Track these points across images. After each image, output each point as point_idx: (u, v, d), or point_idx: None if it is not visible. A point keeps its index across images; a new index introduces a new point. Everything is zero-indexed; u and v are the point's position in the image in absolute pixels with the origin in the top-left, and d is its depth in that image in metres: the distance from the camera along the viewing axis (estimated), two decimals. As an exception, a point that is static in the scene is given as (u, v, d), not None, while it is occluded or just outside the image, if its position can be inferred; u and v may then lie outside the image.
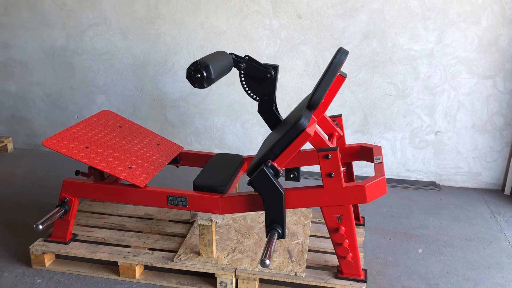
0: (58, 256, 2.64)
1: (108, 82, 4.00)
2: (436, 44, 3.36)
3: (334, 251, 2.55)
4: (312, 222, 2.87)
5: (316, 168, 3.84)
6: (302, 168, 3.89)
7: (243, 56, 2.76)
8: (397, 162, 3.69)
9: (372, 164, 3.79)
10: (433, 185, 3.65)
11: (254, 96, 2.81)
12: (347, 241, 2.23)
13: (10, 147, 4.31)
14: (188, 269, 2.40)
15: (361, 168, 3.76)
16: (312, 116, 2.24)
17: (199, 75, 2.29)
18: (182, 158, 2.96)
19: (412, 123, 3.58)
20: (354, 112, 3.63)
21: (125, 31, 3.82)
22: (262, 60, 3.62)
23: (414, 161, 3.67)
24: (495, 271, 2.59)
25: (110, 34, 3.86)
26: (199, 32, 3.70)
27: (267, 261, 1.99)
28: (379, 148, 2.62)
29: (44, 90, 4.17)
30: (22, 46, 4.06)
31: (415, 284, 2.48)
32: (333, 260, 2.48)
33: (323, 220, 2.90)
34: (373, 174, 3.73)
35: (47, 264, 2.57)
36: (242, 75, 2.77)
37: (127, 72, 3.94)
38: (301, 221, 2.81)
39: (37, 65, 4.09)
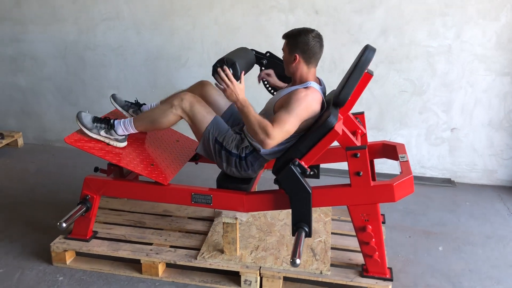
0: (78, 254, 2.62)
1: (120, 77, 3.97)
2: (454, 41, 3.34)
3: (357, 249, 2.54)
4: (332, 219, 2.86)
5: (333, 165, 3.81)
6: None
7: (264, 52, 2.73)
8: (412, 159, 3.68)
9: (387, 160, 3.77)
10: (448, 182, 3.64)
11: (275, 93, 2.79)
12: (373, 239, 2.22)
13: (20, 142, 4.28)
14: (212, 267, 2.39)
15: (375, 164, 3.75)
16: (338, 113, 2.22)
17: (225, 73, 2.26)
18: (201, 155, 2.93)
19: (428, 120, 3.57)
20: (369, 109, 3.61)
21: (138, 25, 3.78)
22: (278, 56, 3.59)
23: (429, 158, 3.66)
24: (517, 269, 2.60)
25: (123, 29, 3.82)
26: (213, 28, 3.67)
27: (298, 261, 1.98)
28: (402, 146, 2.60)
29: (55, 85, 4.13)
30: (33, 41, 4.02)
31: (438, 282, 2.48)
32: (357, 258, 2.47)
33: (343, 218, 2.89)
34: (388, 171, 3.73)
35: (68, 262, 2.55)
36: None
37: (139, 67, 3.91)
38: (321, 219, 2.80)
39: (48, 59, 4.05)
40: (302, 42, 2.21)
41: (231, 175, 2.42)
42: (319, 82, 2.36)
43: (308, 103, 2.16)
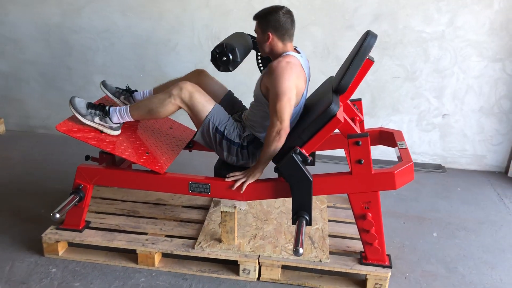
0: (70, 244, 2.55)
1: (107, 62, 3.85)
2: (448, 27, 3.33)
3: (354, 236, 2.54)
4: (328, 206, 2.85)
5: (325, 151, 3.78)
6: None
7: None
8: (404, 144, 3.69)
9: (379, 146, 3.77)
10: (438, 168, 3.67)
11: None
12: (374, 227, 2.22)
13: (2, 128, 4.13)
14: (211, 256, 2.36)
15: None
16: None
17: (224, 58, 2.21)
18: (195, 142, 2.87)
19: (420, 106, 3.58)
20: (362, 95, 3.58)
21: (125, 8, 3.66)
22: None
23: (420, 143, 3.68)
24: (510, 254, 2.64)
25: (110, 11, 3.69)
26: (204, 11, 3.57)
27: (301, 250, 1.97)
28: (400, 132, 2.59)
29: (38, 70, 3.98)
30: (14, 23, 3.85)
31: (434, 268, 2.50)
32: (355, 245, 2.47)
33: (338, 204, 2.88)
34: (380, 157, 3.74)
35: (60, 253, 2.48)
36: (259, 57, 2.70)
37: (127, 51, 3.79)
38: (317, 206, 2.79)
39: (31, 43, 3.90)
40: (273, 20, 2.21)
41: (231, 163, 2.38)
42: (298, 52, 2.33)
43: (286, 70, 2.12)
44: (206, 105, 2.31)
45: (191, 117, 2.36)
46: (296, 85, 2.15)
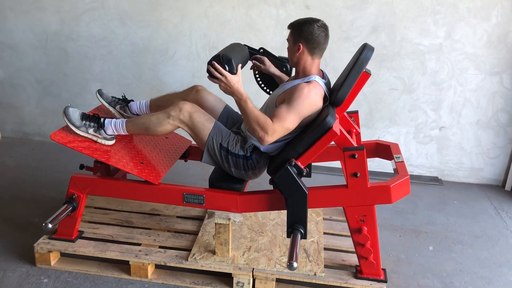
0: (63, 254, 2.52)
1: (104, 70, 3.84)
2: (445, 40, 3.34)
3: (350, 250, 2.52)
4: (324, 219, 2.83)
5: (321, 162, 3.77)
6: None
7: (257, 48, 2.66)
8: (401, 156, 3.68)
9: (375, 158, 3.76)
10: (435, 180, 3.66)
11: (268, 90, 2.73)
12: (369, 241, 2.20)
13: (-3, 135, 4.12)
14: (204, 268, 2.34)
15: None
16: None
17: (221, 69, 2.19)
18: (191, 152, 2.86)
19: (417, 118, 3.57)
20: (359, 106, 3.58)
21: (124, 16, 3.66)
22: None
23: (417, 156, 3.67)
24: (506, 269, 2.62)
25: (108, 20, 3.68)
26: (202, 20, 3.57)
27: (295, 264, 1.94)
28: (396, 145, 2.58)
29: (35, 76, 3.97)
30: (11, 30, 3.84)
31: (430, 282, 2.48)
32: (351, 259, 2.44)
33: (334, 217, 2.86)
34: (377, 169, 3.72)
35: (52, 263, 2.45)
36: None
37: (125, 59, 3.79)
38: (313, 218, 2.77)
39: (28, 50, 3.89)
40: (307, 32, 2.17)
41: (243, 178, 2.36)
42: (323, 75, 2.31)
43: (311, 100, 2.12)
44: (206, 124, 2.29)
45: (192, 137, 2.34)
46: (306, 116, 2.14)
